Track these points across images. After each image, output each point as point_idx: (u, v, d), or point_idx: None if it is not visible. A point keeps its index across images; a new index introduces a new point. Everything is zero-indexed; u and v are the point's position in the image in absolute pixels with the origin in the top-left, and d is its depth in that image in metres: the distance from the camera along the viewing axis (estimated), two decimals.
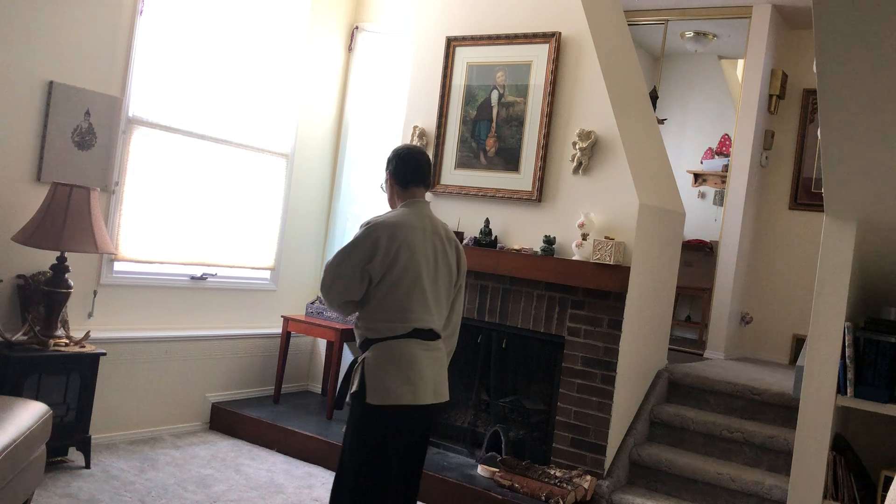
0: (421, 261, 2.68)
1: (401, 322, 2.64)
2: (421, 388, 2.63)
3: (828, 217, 3.29)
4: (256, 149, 5.20)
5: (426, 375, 2.65)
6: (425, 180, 2.89)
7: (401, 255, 2.64)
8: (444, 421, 4.70)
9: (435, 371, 2.71)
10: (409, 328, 2.64)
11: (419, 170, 2.86)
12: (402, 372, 2.61)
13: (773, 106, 5.85)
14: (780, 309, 5.84)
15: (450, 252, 2.83)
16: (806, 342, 3.44)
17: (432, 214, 2.87)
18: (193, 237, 4.82)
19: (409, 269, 2.64)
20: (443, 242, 2.81)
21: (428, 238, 2.75)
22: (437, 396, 2.72)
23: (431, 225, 2.80)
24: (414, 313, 2.65)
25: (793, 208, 5.90)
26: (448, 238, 2.85)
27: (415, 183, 2.85)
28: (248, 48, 5.08)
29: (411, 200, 2.83)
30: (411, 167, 2.86)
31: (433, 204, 4.75)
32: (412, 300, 2.65)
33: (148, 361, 4.52)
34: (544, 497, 3.82)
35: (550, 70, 4.35)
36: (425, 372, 2.65)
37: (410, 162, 2.86)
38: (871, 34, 2.21)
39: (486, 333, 4.55)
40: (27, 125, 3.93)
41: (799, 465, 3.33)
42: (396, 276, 2.63)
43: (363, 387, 2.60)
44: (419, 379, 2.63)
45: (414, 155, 2.89)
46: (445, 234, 2.85)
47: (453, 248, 2.85)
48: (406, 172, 2.85)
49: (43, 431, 3.06)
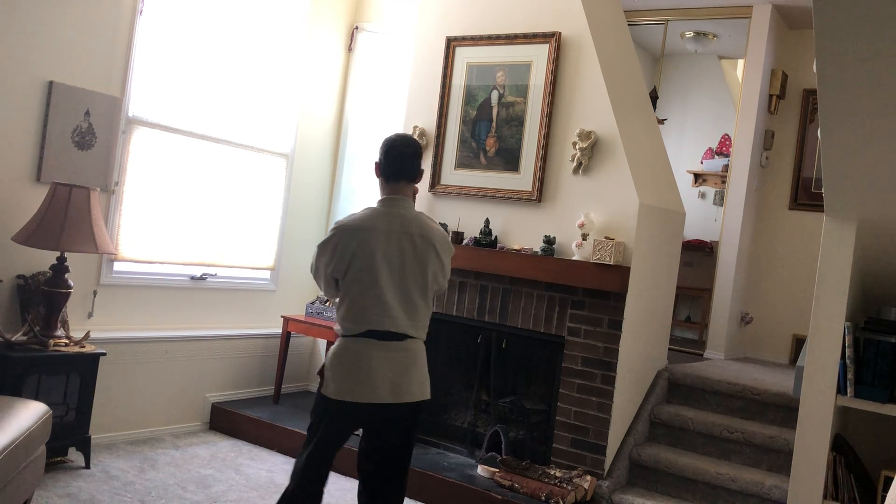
0: (380, 264, 2.66)
1: (356, 323, 2.69)
2: (369, 387, 2.65)
3: (828, 217, 3.29)
4: (256, 149, 5.20)
5: (379, 375, 2.65)
6: (407, 174, 2.78)
7: (356, 259, 2.66)
8: (443, 421, 4.70)
9: (394, 371, 2.68)
10: (363, 329, 2.68)
11: (397, 162, 2.76)
12: (352, 371, 2.66)
13: (773, 106, 5.85)
14: (780, 309, 5.84)
15: (425, 252, 2.73)
16: (806, 342, 3.44)
17: (409, 213, 2.76)
18: (193, 237, 4.82)
19: (363, 272, 2.66)
20: (414, 243, 2.71)
21: (394, 240, 2.69)
22: (398, 396, 2.68)
23: (402, 225, 2.71)
24: (368, 315, 2.67)
25: (793, 208, 5.90)
26: (424, 237, 2.73)
27: (394, 177, 2.77)
28: (248, 48, 5.08)
29: (387, 197, 2.78)
30: (390, 159, 2.77)
31: (433, 204, 4.76)
32: (367, 303, 2.67)
33: (148, 361, 4.52)
34: (544, 497, 3.82)
35: (550, 70, 4.34)
36: (378, 372, 2.65)
37: (391, 153, 2.78)
38: (871, 34, 2.21)
39: (486, 333, 4.55)
40: (27, 125, 3.93)
41: (799, 465, 3.33)
42: (351, 279, 2.68)
43: (323, 377, 2.74)
44: (367, 378, 2.65)
45: (397, 146, 2.79)
46: (421, 233, 2.73)
47: (430, 247, 2.74)
48: (385, 165, 2.78)
49: (43, 431, 3.06)
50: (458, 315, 4.60)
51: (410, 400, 2.72)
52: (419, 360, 2.78)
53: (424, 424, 4.69)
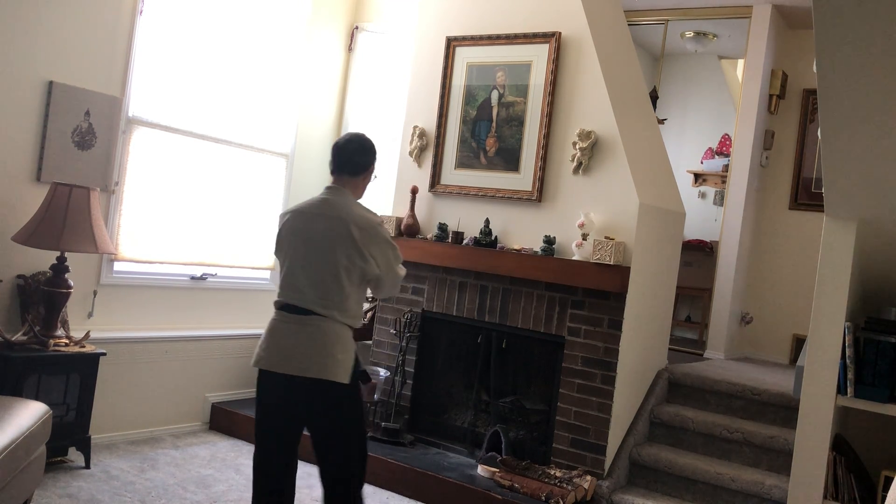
0: (298, 243, 2.85)
1: (278, 297, 2.89)
2: (274, 356, 2.79)
3: (828, 217, 3.29)
4: (256, 149, 5.20)
5: (283, 346, 2.78)
6: (342, 168, 2.94)
7: (282, 239, 2.92)
8: (443, 421, 4.70)
9: (298, 344, 2.76)
10: (280, 303, 2.86)
11: (338, 157, 2.95)
12: (263, 340, 2.85)
13: (773, 106, 5.85)
14: (780, 309, 5.84)
15: (340, 234, 2.79)
16: (806, 342, 3.44)
17: (338, 199, 2.89)
18: (193, 237, 4.82)
19: (285, 250, 2.89)
20: (330, 224, 2.81)
21: (319, 221, 2.84)
22: (302, 370, 2.73)
23: (322, 208, 2.87)
24: (284, 290, 2.86)
25: (793, 208, 5.90)
26: (342, 219, 2.81)
27: (336, 171, 2.96)
28: (248, 48, 5.08)
29: (326, 187, 2.97)
30: (332, 154, 2.98)
31: (433, 204, 4.77)
32: (284, 279, 2.87)
33: (148, 361, 4.51)
34: (544, 497, 3.82)
35: (550, 70, 4.34)
36: (282, 343, 2.79)
37: (333, 149, 2.99)
38: (870, 34, 2.21)
39: (486, 333, 4.55)
40: (27, 125, 3.93)
41: (799, 465, 3.33)
42: (281, 257, 2.93)
43: None
44: (272, 347, 2.80)
45: (340, 142, 2.99)
46: (339, 215, 2.82)
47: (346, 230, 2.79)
48: (330, 160, 2.99)
49: (43, 431, 3.06)
50: (458, 315, 4.60)
51: (306, 375, 2.73)
52: (325, 340, 2.77)
53: (424, 424, 4.71)
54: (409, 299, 4.82)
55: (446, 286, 4.66)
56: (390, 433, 4.52)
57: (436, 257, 4.54)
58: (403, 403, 4.74)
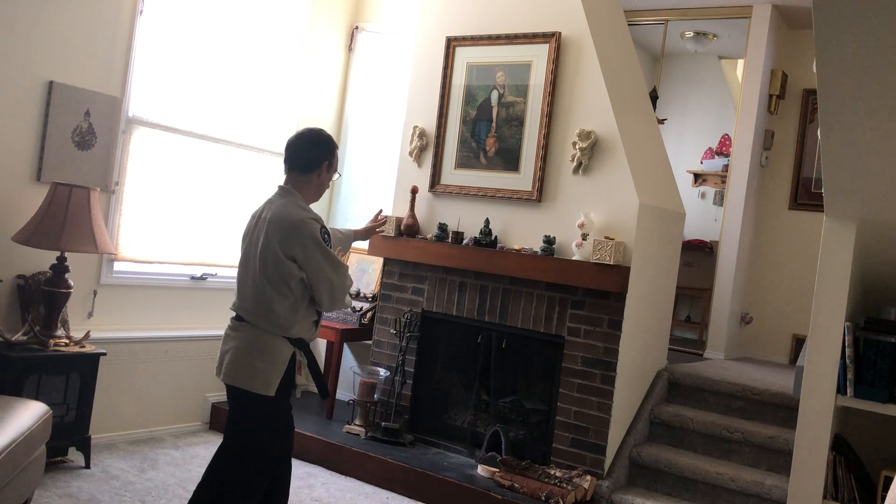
0: (243, 248, 2.82)
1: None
2: (218, 364, 2.81)
3: (828, 217, 3.29)
4: (256, 149, 5.20)
5: (221, 353, 2.79)
6: (291, 165, 2.82)
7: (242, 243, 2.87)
8: (443, 421, 4.70)
9: (228, 351, 2.75)
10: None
11: (287, 152, 2.85)
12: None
13: (773, 106, 5.85)
14: (780, 309, 5.84)
15: (267, 238, 2.68)
16: (806, 342, 3.44)
17: (279, 200, 2.78)
18: (193, 237, 4.82)
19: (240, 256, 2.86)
20: (261, 228, 2.73)
21: (258, 225, 2.77)
22: (230, 379, 2.72)
23: (268, 211, 2.76)
24: (236, 296, 2.84)
25: (793, 208, 5.90)
26: (270, 222, 2.70)
27: (286, 167, 2.85)
28: (248, 48, 5.08)
29: (277, 187, 2.87)
30: (284, 150, 2.88)
31: (433, 204, 4.76)
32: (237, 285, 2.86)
33: (148, 361, 4.52)
34: (544, 497, 3.82)
35: (550, 70, 4.35)
36: (221, 350, 2.80)
37: (286, 144, 2.87)
38: (870, 34, 2.21)
39: (486, 333, 4.55)
40: (27, 125, 3.93)
41: (799, 465, 3.33)
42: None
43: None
44: (219, 355, 2.81)
45: (289, 139, 2.87)
46: (270, 218, 2.70)
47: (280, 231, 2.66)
48: (284, 156, 2.88)
49: (43, 431, 3.06)
50: (458, 315, 4.60)
51: (230, 383, 2.73)
52: (247, 348, 2.70)
53: (424, 424, 4.71)
54: (409, 299, 4.82)
55: (446, 286, 4.66)
56: (390, 433, 4.52)
57: (436, 257, 4.55)
58: (403, 403, 4.74)
